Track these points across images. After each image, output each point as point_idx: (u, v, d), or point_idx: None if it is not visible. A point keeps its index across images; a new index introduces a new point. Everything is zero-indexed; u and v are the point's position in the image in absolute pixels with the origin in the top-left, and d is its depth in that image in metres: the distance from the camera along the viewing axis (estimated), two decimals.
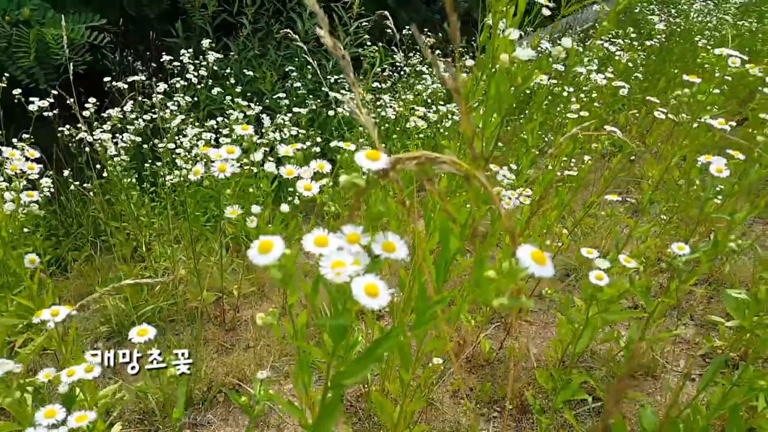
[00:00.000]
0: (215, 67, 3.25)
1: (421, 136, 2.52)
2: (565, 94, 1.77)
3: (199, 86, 2.90)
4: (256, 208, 0.95)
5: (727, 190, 0.97)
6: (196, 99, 2.99)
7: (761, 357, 2.00)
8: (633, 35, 2.79)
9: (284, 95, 3.51)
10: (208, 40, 2.91)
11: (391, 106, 2.73)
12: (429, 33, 4.78)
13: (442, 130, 2.73)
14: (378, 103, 3.19)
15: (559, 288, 2.68)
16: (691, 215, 1.51)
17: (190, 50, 3.04)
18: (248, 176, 1.22)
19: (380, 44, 4.41)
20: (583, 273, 2.68)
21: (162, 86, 2.38)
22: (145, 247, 2.44)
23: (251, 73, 3.37)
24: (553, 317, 2.57)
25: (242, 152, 1.06)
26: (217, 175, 1.06)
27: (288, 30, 1.38)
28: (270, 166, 1.03)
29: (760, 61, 1.29)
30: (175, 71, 2.83)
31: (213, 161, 1.06)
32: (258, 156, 0.92)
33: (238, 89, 3.31)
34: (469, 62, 1.55)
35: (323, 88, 4.00)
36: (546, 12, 1.18)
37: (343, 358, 0.68)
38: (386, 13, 1.68)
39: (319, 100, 3.86)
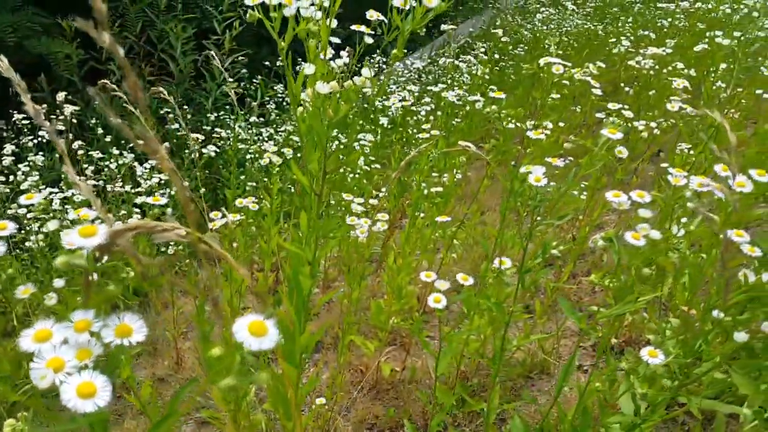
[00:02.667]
0: (79, 119, 3.07)
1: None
2: (423, 112, 1.81)
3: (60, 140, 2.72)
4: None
5: (552, 196, 0.99)
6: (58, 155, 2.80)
7: (640, 341, 2.10)
8: (482, 48, 2.92)
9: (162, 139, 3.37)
10: (64, 93, 2.74)
11: (266, 140, 2.68)
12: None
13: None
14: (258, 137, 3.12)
15: (456, 299, 2.71)
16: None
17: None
18: None
19: (260, 77, 4.36)
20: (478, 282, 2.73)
21: (9, 147, 2.21)
22: None
23: (120, 120, 3.20)
24: (458, 327, 2.59)
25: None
26: None
27: (105, 81, 1.31)
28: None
29: (582, 65, 1.36)
30: (26, 129, 2.64)
31: None
32: (52, 225, 0.84)
33: (108, 138, 3.14)
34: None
35: (205, 127, 3.89)
36: (369, 40, 1.18)
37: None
38: None
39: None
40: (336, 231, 1.09)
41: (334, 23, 0.95)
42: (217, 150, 2.43)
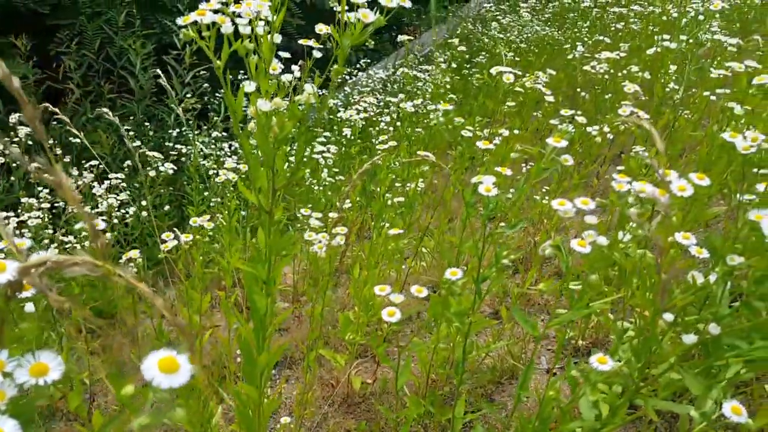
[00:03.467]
0: (36, 140, 2.99)
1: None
2: (383, 124, 1.81)
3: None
4: None
5: (503, 205, 1.00)
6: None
7: (607, 341, 2.12)
8: (444, 57, 2.95)
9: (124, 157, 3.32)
10: (18, 114, 2.68)
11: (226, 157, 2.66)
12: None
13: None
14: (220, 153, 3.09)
15: (425, 307, 2.71)
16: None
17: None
18: None
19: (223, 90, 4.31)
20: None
21: None
22: None
23: (78, 140, 3.14)
24: (425, 336, 2.59)
25: None
26: None
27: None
28: None
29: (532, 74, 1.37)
30: None
31: None
32: None
33: (67, 159, 3.07)
34: None
35: (167, 143, 3.83)
36: (317, 54, 1.17)
37: None
38: None
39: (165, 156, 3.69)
40: (290, 248, 1.08)
41: (278, 38, 0.95)
42: (174, 168, 2.40)
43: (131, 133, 3.82)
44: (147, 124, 3.95)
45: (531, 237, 2.76)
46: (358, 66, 4.31)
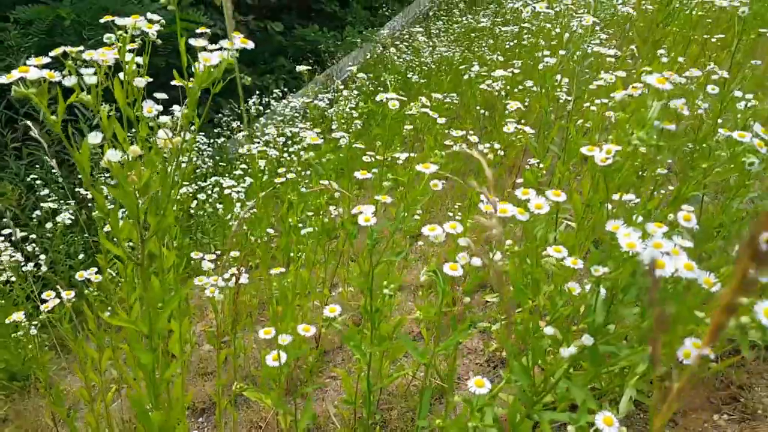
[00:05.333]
0: None
1: None
2: (286, 155, 1.81)
3: None
4: None
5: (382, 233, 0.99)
6: None
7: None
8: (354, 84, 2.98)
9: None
10: None
11: None
12: None
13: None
14: None
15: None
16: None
17: None
18: None
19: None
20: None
21: None
22: None
23: None
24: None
25: None
26: None
27: None
28: None
29: (415, 99, 1.39)
30: None
31: None
32: None
33: None
34: None
35: (78, 189, 3.67)
36: (163, 95, 1.15)
37: None
38: None
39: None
40: (170, 300, 1.04)
41: (141, 82, 0.92)
42: (71, 217, 2.29)
43: (38, 181, 3.65)
44: (55, 171, 3.78)
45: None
46: (274, 95, 4.29)
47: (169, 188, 0.89)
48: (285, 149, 2.17)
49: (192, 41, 0.81)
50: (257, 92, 4.21)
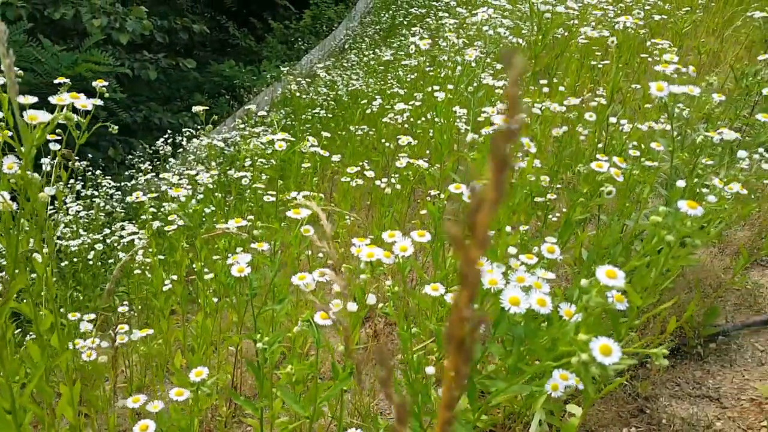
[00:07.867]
0: None
1: None
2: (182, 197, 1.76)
3: None
4: None
5: (261, 283, 0.96)
6: None
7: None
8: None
9: None
10: None
11: None
12: None
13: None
14: None
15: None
16: None
17: None
18: None
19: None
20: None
21: None
22: None
23: None
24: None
25: None
26: None
27: None
28: None
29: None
30: None
31: None
32: None
33: None
34: None
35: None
36: (56, 146, 1.09)
37: None
38: None
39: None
40: (34, 371, 0.96)
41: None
42: None
43: None
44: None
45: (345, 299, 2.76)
46: (187, 134, 4.19)
47: (14, 248, 0.83)
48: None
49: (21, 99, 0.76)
50: (169, 131, 4.10)
